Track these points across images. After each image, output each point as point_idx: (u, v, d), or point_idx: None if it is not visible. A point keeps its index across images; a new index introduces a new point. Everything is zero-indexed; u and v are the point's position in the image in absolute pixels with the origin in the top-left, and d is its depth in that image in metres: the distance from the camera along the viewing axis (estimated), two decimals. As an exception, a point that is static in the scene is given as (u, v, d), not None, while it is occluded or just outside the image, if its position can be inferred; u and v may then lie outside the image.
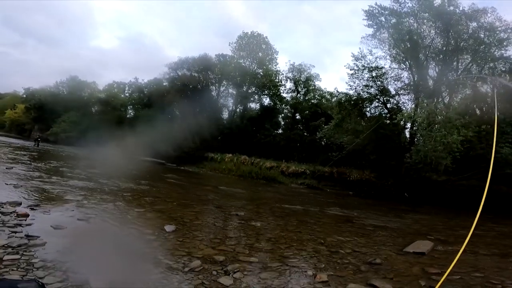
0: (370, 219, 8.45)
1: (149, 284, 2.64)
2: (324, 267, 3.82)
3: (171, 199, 8.35)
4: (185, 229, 4.95)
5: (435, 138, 13.16)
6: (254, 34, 32.67)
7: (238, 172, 22.22)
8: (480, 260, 4.69)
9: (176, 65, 36.30)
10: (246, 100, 33.94)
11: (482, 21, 17.56)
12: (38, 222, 4.05)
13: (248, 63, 33.33)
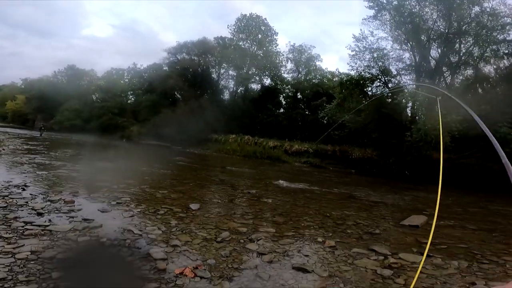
0: (371, 195, 9.12)
1: (195, 252, 3.27)
2: (331, 235, 4.47)
3: (187, 180, 9.02)
4: (207, 207, 5.61)
5: (434, 117, 13.57)
6: (253, 16, 32.27)
7: (242, 153, 22.84)
8: (467, 234, 5.33)
9: (175, 50, 36.10)
10: (247, 82, 34.01)
11: (485, 6, 17.45)
12: (86, 207, 4.64)
13: (247, 45, 33.14)
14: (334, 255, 3.62)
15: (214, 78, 36.53)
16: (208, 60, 35.30)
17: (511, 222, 6.75)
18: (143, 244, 3.29)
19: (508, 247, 4.53)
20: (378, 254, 3.78)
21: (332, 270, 3.15)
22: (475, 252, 4.18)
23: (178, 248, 3.30)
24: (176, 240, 3.55)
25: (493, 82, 21.74)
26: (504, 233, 5.51)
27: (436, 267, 3.51)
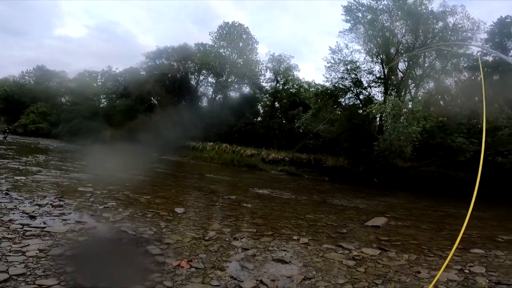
0: (341, 201, 9.92)
1: (184, 249, 3.68)
2: (305, 234, 5.06)
3: (168, 187, 9.27)
4: (191, 211, 6.00)
5: (398, 128, 14.87)
6: (236, 24, 33.02)
7: (220, 160, 23.10)
8: (420, 232, 6.16)
9: (154, 55, 35.90)
10: (226, 89, 34.53)
11: (448, 21, 19.30)
12: (75, 211, 4.86)
13: (228, 52, 33.74)
14: (308, 250, 4.21)
15: (193, 85, 36.65)
16: (188, 66, 35.43)
17: (459, 222, 7.73)
18: (140, 242, 3.66)
19: (452, 243, 5.34)
20: (344, 249, 4.42)
21: (306, 261, 3.72)
22: (423, 247, 4.94)
23: (171, 246, 3.71)
24: (168, 239, 3.94)
25: (453, 94, 23.96)
26: (451, 231, 6.41)
27: (390, 259, 4.19)
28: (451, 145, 15.85)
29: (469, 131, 16.51)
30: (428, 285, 3.30)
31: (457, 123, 16.94)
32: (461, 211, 9.54)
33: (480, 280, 3.47)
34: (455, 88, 23.85)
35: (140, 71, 37.51)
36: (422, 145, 16.30)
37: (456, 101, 22.53)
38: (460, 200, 12.49)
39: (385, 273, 3.62)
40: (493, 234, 6.40)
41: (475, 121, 16.83)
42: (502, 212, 10.90)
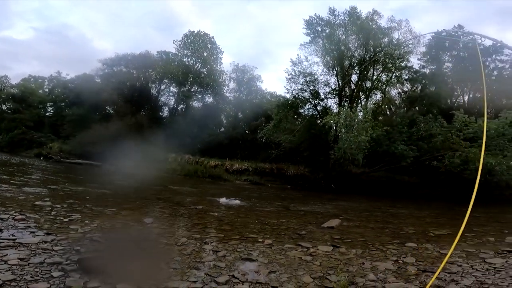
0: (302, 206, 10.67)
1: (160, 254, 3.95)
2: (269, 237, 5.57)
3: (132, 199, 9.19)
4: (160, 221, 6.18)
5: (350, 138, 16.32)
6: (201, 33, 33.09)
7: (183, 172, 22.84)
8: (367, 230, 7.04)
9: (111, 61, 34.51)
10: (188, 99, 34.22)
11: (394, 36, 21.29)
12: (40, 224, 4.80)
13: (192, 62, 33.64)
14: (271, 249, 4.72)
15: (154, 94, 35.76)
16: (149, 75, 34.55)
17: (400, 221, 8.85)
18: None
19: (392, 238, 6.23)
20: (303, 247, 5.02)
21: (271, 258, 4.23)
22: (368, 243, 5.73)
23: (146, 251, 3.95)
24: (143, 246, 4.17)
25: (398, 104, 26.71)
26: (392, 229, 7.38)
27: (341, 254, 4.86)
28: (394, 152, 17.76)
29: (409, 139, 18.61)
30: (370, 273, 3.96)
31: (398, 131, 19.07)
32: (401, 211, 10.87)
33: (410, 269, 4.15)
34: (399, 99, 26.68)
35: (95, 78, 35.70)
36: (371, 153, 17.97)
37: (400, 110, 25.23)
38: (402, 201, 14.08)
39: (336, 265, 4.25)
40: (426, 229, 7.44)
41: (414, 130, 19.08)
42: (437, 210, 12.45)
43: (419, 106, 23.94)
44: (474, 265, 4.25)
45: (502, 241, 6.04)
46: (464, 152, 16.09)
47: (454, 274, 3.87)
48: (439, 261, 4.56)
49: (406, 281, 3.64)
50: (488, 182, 16.37)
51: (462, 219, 8.88)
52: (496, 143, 15.87)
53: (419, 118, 19.92)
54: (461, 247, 5.52)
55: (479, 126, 15.95)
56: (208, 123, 31.33)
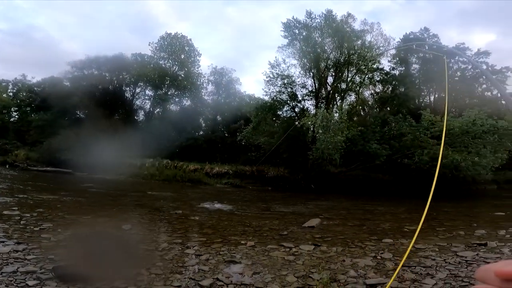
0: (283, 207, 10.78)
1: (140, 260, 3.83)
2: (251, 239, 5.58)
3: (108, 206, 8.84)
4: (139, 227, 5.99)
5: (327, 138, 16.74)
6: (178, 35, 32.52)
7: (161, 177, 22.27)
8: (346, 228, 7.25)
9: (82, 64, 33.01)
10: (165, 103, 33.46)
11: (366, 39, 22.01)
12: (10, 234, 4.50)
13: (169, 64, 32.97)
14: (255, 251, 4.73)
15: (128, 97, 34.62)
16: (123, 78, 33.41)
17: (377, 218, 9.20)
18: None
19: (370, 235, 6.46)
20: (285, 247, 5.07)
21: (254, 260, 4.23)
22: (348, 241, 5.91)
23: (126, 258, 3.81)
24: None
25: (371, 105, 27.74)
26: (370, 226, 7.65)
27: (322, 252, 4.98)
28: (369, 151, 18.44)
29: (382, 138, 19.40)
30: (350, 270, 4.08)
31: (372, 131, 19.83)
32: (377, 208, 11.29)
33: (388, 264, 4.33)
34: (371, 100, 27.74)
35: (63, 81, 33.96)
36: (347, 152, 18.51)
37: (373, 110, 26.23)
38: (378, 198, 14.62)
39: (318, 263, 4.34)
40: (401, 225, 7.80)
41: (386, 129, 19.93)
42: (410, 206, 13.00)
43: (390, 107, 25.02)
44: (447, 259, 4.49)
45: (472, 235, 6.44)
46: (432, 150, 16.98)
47: (429, 268, 4.07)
48: (415, 255, 4.78)
49: (385, 276, 3.79)
50: (455, 177, 17.44)
51: (433, 215, 9.38)
52: (461, 140, 16.88)
53: (390, 118, 20.84)
54: (434, 241, 5.82)
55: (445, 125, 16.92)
56: (186, 127, 30.78)
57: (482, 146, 16.51)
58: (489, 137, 16.30)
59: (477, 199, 15.95)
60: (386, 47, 23.32)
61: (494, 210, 10.79)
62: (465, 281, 3.47)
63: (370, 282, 3.52)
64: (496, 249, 5.00)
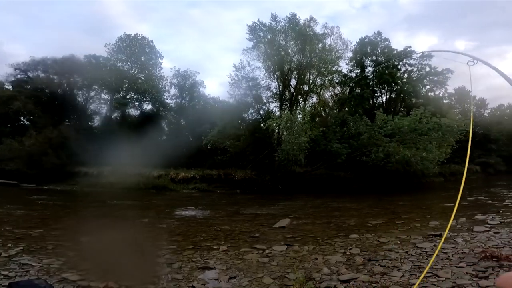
0: (253, 209, 10.77)
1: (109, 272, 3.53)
2: (223, 243, 5.49)
3: (63, 218, 8.12)
4: (102, 238, 5.55)
5: (291, 139, 17.19)
6: (138, 37, 30.97)
7: (123, 185, 21.08)
8: (315, 226, 7.47)
9: (26, 66, 30.02)
10: (124, 107, 31.61)
11: (325, 42, 22.74)
12: None
13: (127, 67, 31.28)
14: (228, 255, 4.65)
15: (81, 102, 32.11)
16: (74, 81, 30.92)
17: (342, 215, 9.60)
18: (49, 272, 3.31)
19: (338, 232, 6.72)
20: (258, 250, 5.07)
21: (229, 264, 4.16)
22: (318, 239, 6.08)
23: (90, 271, 3.51)
24: (84, 265, 3.70)
25: (331, 106, 29.00)
26: (337, 223, 7.95)
27: (295, 252, 5.06)
28: (331, 150, 19.30)
29: (342, 137, 20.42)
30: (324, 267, 4.19)
31: (333, 131, 20.80)
32: (342, 205, 11.83)
33: (357, 259, 4.51)
34: (331, 101, 29.07)
35: (4, 84, 30.61)
36: (311, 152, 19.19)
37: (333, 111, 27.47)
38: (342, 195, 15.31)
39: (293, 263, 4.40)
40: (364, 220, 8.20)
41: (345, 129, 21.01)
42: (371, 202, 13.80)
43: (348, 107, 26.40)
44: (409, 251, 4.80)
45: (427, 226, 6.99)
46: (386, 147, 18.25)
47: (394, 260, 4.33)
48: (380, 249, 5.06)
49: (356, 271, 3.95)
50: (407, 172, 18.95)
51: (391, 208, 10.02)
52: (410, 137, 18.38)
53: (349, 118, 22.05)
54: (395, 234, 6.22)
55: (395, 124, 18.33)
56: (148, 132, 29.39)
57: (429, 142, 18.11)
58: (434, 134, 17.97)
59: (428, 192, 17.44)
60: (344, 50, 24.59)
61: (444, 201, 11.90)
62: (428, 272, 3.71)
63: (343, 278, 3.64)
64: (451, 239, 5.44)
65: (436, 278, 3.45)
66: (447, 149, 18.71)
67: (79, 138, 25.98)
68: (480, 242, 5.14)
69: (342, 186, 19.17)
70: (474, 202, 11.34)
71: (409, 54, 25.74)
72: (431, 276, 3.54)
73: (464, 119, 21.26)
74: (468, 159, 2.60)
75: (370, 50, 26.91)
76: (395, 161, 17.76)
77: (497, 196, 13.00)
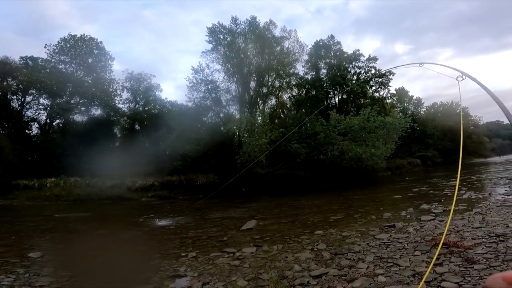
0: (218, 213, 10.60)
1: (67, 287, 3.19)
2: (192, 249, 5.32)
3: (6, 234, 7.16)
4: (52, 254, 5.02)
5: (252, 142, 17.37)
6: (85, 37, 28.51)
7: (71, 197, 19.26)
8: (281, 226, 7.61)
9: None
10: (68, 113, 28.77)
11: (284, 45, 23.20)
12: None
13: (71, 69, 28.65)
14: (198, 261, 4.53)
15: (15, 108, 28.58)
16: (7, 85, 27.40)
17: (306, 212, 9.93)
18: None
19: (303, 229, 6.92)
20: (228, 253, 5.02)
21: (200, 270, 4.04)
22: (285, 237, 6.21)
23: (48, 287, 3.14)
24: (39, 282, 3.32)
25: (289, 107, 29.92)
26: (301, 221, 8.19)
27: (265, 252, 5.11)
28: (290, 151, 19.92)
29: (300, 137, 21.22)
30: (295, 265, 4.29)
31: (291, 132, 21.52)
32: (304, 203, 12.26)
33: (325, 254, 4.69)
34: (289, 103, 30.04)
35: None
36: (272, 153, 19.56)
37: (291, 113, 28.40)
38: (303, 194, 15.86)
39: (264, 263, 4.43)
40: (326, 216, 8.55)
41: (303, 129, 21.88)
42: (330, 198, 14.50)
43: (305, 108, 27.57)
44: (369, 243, 5.13)
45: (382, 218, 7.54)
46: (340, 145, 19.43)
47: (358, 253, 4.59)
48: (344, 243, 5.33)
49: (326, 265, 4.12)
50: (360, 168, 20.37)
51: (349, 203, 10.62)
52: (360, 135, 19.81)
53: (306, 119, 22.97)
54: (355, 227, 6.61)
55: (347, 123, 19.63)
56: (97, 139, 27.20)
57: (376, 139, 19.70)
58: (380, 131, 19.62)
59: (378, 185, 18.88)
60: (301, 53, 25.49)
61: (393, 193, 12.98)
62: (389, 261, 4.01)
63: (315, 274, 3.77)
64: (403, 229, 5.94)
65: (398, 267, 3.74)
66: (391, 145, 20.53)
67: (15, 148, 23.21)
68: (429, 230, 5.66)
69: (303, 184, 19.88)
70: (418, 193, 12.51)
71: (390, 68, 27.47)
72: (393, 266, 3.83)
73: (404, 116, 23.60)
74: (460, 159, 2.86)
75: (324, 53, 28.36)
76: (349, 158, 19.00)
77: (437, 186, 14.55)
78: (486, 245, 4.23)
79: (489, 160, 45.81)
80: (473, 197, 9.81)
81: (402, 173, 29.28)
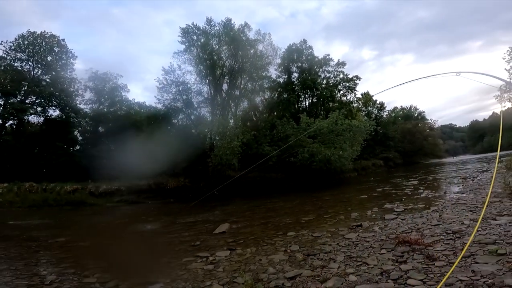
0: (190, 217, 10.35)
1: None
2: (164, 255, 5.14)
3: None
4: (9, 262, 4.58)
5: (224, 144, 17.27)
6: (46, 34, 26.44)
7: (26, 203, 17.74)
8: (254, 228, 7.62)
9: None
10: (22, 114, 26.46)
11: (257, 48, 23.25)
12: None
13: (28, 67, 26.45)
14: (170, 266, 4.41)
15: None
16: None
17: (278, 214, 10.04)
18: None
19: (276, 231, 6.99)
20: (202, 257, 4.95)
21: (172, 277, 3.93)
22: (258, 240, 6.24)
23: None
24: None
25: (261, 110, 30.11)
26: (274, 223, 8.26)
27: (239, 255, 5.09)
28: (262, 153, 20.10)
29: (272, 140, 21.52)
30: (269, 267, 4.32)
31: (263, 134, 21.74)
32: (276, 205, 12.42)
33: (298, 255, 4.76)
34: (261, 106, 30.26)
35: None
36: (244, 156, 19.58)
37: (263, 115, 28.65)
38: (275, 196, 16.06)
39: (238, 267, 4.42)
40: (298, 218, 8.67)
41: (274, 132, 22.22)
42: (301, 200, 14.77)
43: (277, 111, 27.98)
44: (339, 242, 5.30)
45: (349, 218, 7.83)
46: (310, 148, 20.00)
47: (329, 253, 4.74)
48: (316, 243, 5.45)
49: (299, 267, 4.20)
50: (328, 169, 21.09)
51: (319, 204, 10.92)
52: (329, 138, 20.56)
53: (277, 122, 23.37)
54: (325, 228, 6.81)
55: (317, 126, 20.31)
56: (54, 142, 25.31)
57: (343, 142, 20.58)
58: (347, 134, 20.53)
59: (346, 186, 19.64)
60: (274, 56, 25.75)
61: (359, 194, 13.58)
62: (359, 260, 4.18)
63: (289, 275, 3.82)
64: (370, 229, 6.21)
65: (366, 266, 3.91)
66: (357, 147, 21.56)
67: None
68: (392, 229, 5.95)
69: (275, 186, 20.12)
70: (382, 193, 13.22)
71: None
72: (362, 264, 4.00)
73: (369, 120, 24.85)
74: (498, 158, 3.01)
75: (296, 57, 29.02)
76: (318, 160, 19.61)
77: (399, 186, 15.49)
78: (444, 242, 4.53)
79: (443, 161, 49.78)
80: (430, 196, 10.57)
81: (367, 173, 30.80)
